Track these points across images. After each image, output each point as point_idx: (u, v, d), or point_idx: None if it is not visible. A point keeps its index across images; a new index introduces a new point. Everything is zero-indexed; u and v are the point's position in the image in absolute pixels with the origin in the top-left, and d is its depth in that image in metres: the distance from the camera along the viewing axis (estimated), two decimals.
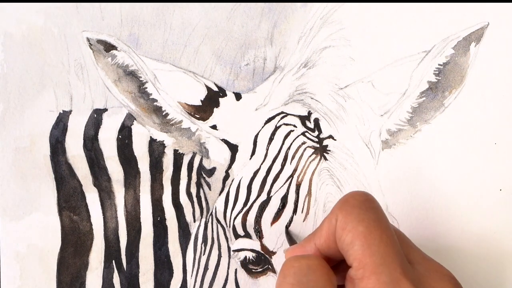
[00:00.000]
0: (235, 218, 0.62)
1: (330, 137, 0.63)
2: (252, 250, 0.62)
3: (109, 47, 0.63)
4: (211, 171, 0.63)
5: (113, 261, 0.63)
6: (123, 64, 0.63)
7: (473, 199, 0.62)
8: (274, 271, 0.62)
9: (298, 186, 0.62)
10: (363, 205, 0.51)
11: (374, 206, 0.51)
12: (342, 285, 0.52)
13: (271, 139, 0.63)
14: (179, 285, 0.63)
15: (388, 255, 0.49)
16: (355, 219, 0.50)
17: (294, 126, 0.63)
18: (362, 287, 0.48)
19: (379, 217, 0.50)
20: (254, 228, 0.62)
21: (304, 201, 0.62)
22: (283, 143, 0.63)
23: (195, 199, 0.63)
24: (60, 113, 0.64)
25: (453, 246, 0.62)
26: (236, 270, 0.63)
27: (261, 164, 0.63)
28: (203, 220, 0.63)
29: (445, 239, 0.62)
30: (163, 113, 0.63)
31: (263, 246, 0.62)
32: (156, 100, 0.63)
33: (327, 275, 0.50)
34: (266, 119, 0.63)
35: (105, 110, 0.64)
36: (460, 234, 0.62)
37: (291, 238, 0.61)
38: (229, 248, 0.63)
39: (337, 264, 0.54)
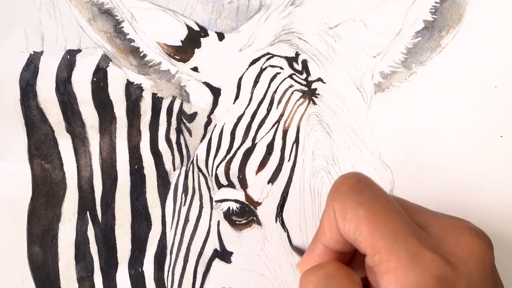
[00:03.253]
0: (217, 166, 0.59)
1: (319, 79, 0.59)
2: (236, 201, 0.58)
3: None
4: (192, 116, 0.59)
5: (87, 213, 0.59)
6: (98, 1, 0.58)
7: (472, 146, 0.59)
8: (259, 223, 0.58)
9: (285, 132, 0.58)
10: (356, 188, 0.47)
11: (368, 185, 0.48)
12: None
13: (256, 82, 0.59)
14: (158, 238, 0.59)
15: (399, 231, 0.45)
16: (353, 205, 0.46)
17: (281, 68, 0.59)
18: (383, 272, 0.45)
19: (377, 194, 0.47)
20: (237, 177, 0.58)
21: (291, 148, 0.58)
22: (269, 86, 0.59)
23: (175, 146, 0.60)
24: (30, 54, 0.60)
25: (451, 195, 0.58)
26: (218, 222, 0.59)
27: (246, 108, 0.59)
28: (184, 168, 0.60)
29: (442, 188, 0.59)
30: (141, 54, 0.59)
31: (247, 197, 0.58)
32: (133, 41, 0.59)
33: (347, 277, 0.47)
34: (251, 61, 0.59)
35: (79, 51, 0.60)
36: (458, 184, 0.59)
37: (300, 250, 0.57)
38: (211, 198, 0.59)
39: (353, 257, 0.50)
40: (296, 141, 0.58)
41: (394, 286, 0.45)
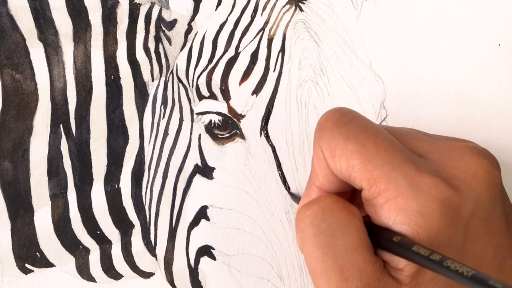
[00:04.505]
0: (198, 76, 0.55)
1: None
2: (218, 113, 0.55)
3: None
4: (172, 24, 0.56)
5: (61, 126, 0.56)
6: None
7: (469, 55, 0.55)
8: (242, 137, 0.55)
9: (270, 41, 0.55)
10: (340, 122, 0.44)
11: (353, 117, 0.45)
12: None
13: None
14: (135, 152, 0.56)
15: (394, 158, 0.42)
16: (340, 140, 0.44)
17: None
18: (383, 202, 0.42)
19: (364, 125, 0.44)
20: (220, 88, 0.55)
21: (277, 58, 0.55)
22: None
23: (153, 55, 0.56)
24: None
25: (445, 105, 0.55)
26: (199, 135, 0.56)
27: (228, 15, 0.55)
28: (163, 79, 0.56)
29: (436, 98, 0.55)
30: None
31: (230, 109, 0.55)
32: None
33: (345, 209, 0.44)
34: None
35: None
36: (454, 96, 0.55)
37: (298, 198, 0.54)
38: (192, 110, 0.56)
39: (352, 197, 0.48)
40: (282, 50, 0.55)
41: (395, 215, 0.42)
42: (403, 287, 0.42)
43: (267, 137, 0.55)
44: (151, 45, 0.56)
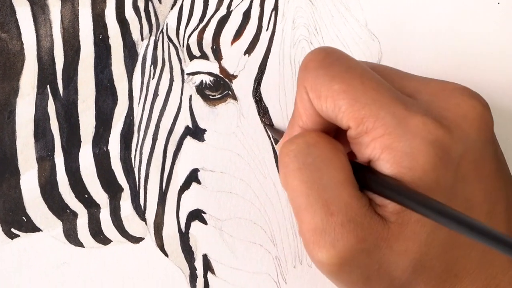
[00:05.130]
0: (189, 36, 0.54)
1: None
2: (210, 73, 0.54)
3: None
4: None
5: (48, 86, 0.54)
6: None
7: (467, 14, 0.54)
8: (234, 98, 0.54)
9: None
10: (325, 62, 0.42)
11: (338, 57, 0.43)
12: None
13: None
14: (125, 114, 0.55)
15: (382, 96, 0.41)
16: (325, 81, 0.42)
17: None
18: (368, 142, 0.41)
19: (350, 64, 0.42)
20: (211, 48, 0.53)
21: (270, 17, 0.54)
22: None
23: (143, 14, 0.55)
24: None
25: (443, 65, 0.54)
26: (190, 96, 0.54)
27: None
28: (153, 38, 0.55)
29: (434, 58, 0.54)
30: None
31: (222, 69, 0.53)
32: None
33: (330, 144, 0.42)
34: None
35: None
36: (452, 56, 0.54)
37: (278, 132, 0.53)
38: (182, 71, 0.54)
39: (336, 135, 0.46)
40: (275, 8, 0.54)
41: (380, 153, 0.40)
42: (389, 225, 0.41)
43: (260, 98, 0.54)
44: (141, 3, 0.55)
